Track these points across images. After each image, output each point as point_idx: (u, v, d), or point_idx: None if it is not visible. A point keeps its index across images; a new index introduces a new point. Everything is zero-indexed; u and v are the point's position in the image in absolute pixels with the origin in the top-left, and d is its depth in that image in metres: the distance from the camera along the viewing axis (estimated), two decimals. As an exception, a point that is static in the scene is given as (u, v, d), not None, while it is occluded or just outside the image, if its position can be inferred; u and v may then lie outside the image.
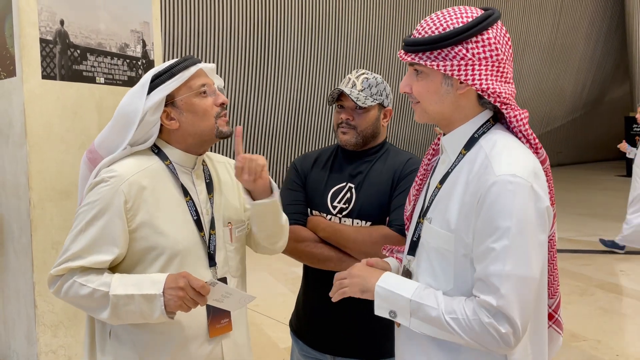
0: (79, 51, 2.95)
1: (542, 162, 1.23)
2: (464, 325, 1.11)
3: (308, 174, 1.86)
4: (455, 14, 1.17)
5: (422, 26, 1.20)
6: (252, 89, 11.82)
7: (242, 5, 11.36)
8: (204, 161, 1.59)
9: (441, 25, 1.16)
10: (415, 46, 1.18)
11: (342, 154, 1.85)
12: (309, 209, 1.83)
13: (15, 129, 2.81)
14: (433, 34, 1.16)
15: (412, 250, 1.32)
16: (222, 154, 1.77)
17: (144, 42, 3.43)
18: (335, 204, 1.78)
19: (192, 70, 1.44)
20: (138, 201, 1.40)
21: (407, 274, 1.33)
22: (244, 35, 11.50)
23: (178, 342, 1.44)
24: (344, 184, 1.79)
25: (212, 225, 1.52)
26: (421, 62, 1.18)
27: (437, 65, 1.16)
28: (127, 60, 3.30)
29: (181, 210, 1.46)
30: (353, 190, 1.77)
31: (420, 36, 1.18)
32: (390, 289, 1.21)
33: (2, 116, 2.97)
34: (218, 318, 1.50)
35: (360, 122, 1.75)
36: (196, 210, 1.49)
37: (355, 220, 1.75)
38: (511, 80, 1.23)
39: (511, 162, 1.13)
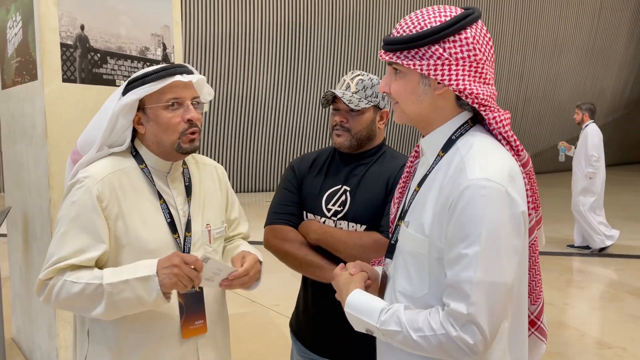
0: (99, 55, 3.04)
1: (524, 165, 1.20)
2: (432, 342, 1.09)
3: (305, 176, 1.85)
4: (435, 13, 1.15)
5: (401, 25, 1.18)
6: (281, 89, 11.90)
7: (271, 6, 11.46)
8: (185, 163, 1.61)
9: (419, 24, 1.15)
10: (393, 45, 1.17)
11: (338, 156, 1.83)
12: (304, 212, 1.82)
13: (37, 130, 2.91)
14: (411, 33, 1.15)
15: (390, 254, 1.31)
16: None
17: (164, 45, 3.51)
18: (329, 206, 1.76)
19: (167, 81, 1.42)
20: (112, 201, 1.42)
21: (385, 277, 1.33)
22: (272, 36, 11.60)
23: (151, 341, 1.45)
24: (339, 186, 1.77)
25: (188, 228, 1.53)
26: (398, 61, 1.17)
27: (414, 65, 1.15)
28: (148, 64, 3.37)
29: (155, 212, 1.48)
30: (348, 193, 1.75)
31: (399, 35, 1.17)
32: (355, 314, 1.21)
33: (26, 118, 3.09)
34: (192, 319, 1.50)
35: (354, 125, 1.72)
36: (170, 213, 1.50)
37: (350, 224, 1.72)
38: (491, 82, 1.20)
39: (485, 166, 1.10)
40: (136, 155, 1.51)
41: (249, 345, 3.77)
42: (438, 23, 1.14)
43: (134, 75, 1.46)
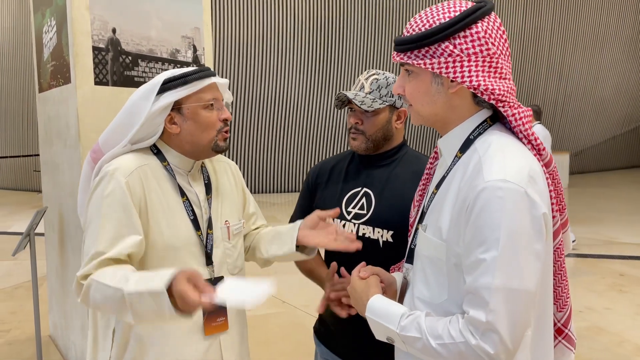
0: (130, 58, 3.09)
1: (547, 165, 1.15)
2: (451, 350, 1.05)
3: (322, 182, 1.82)
4: (443, 9, 1.11)
5: (410, 24, 1.14)
6: (314, 90, 11.91)
7: (303, 7, 11.47)
8: (203, 162, 1.62)
9: (428, 21, 1.11)
10: (403, 45, 1.13)
11: (358, 158, 1.79)
12: None
13: (71, 132, 2.98)
14: (420, 31, 1.11)
15: (410, 259, 1.28)
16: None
17: (194, 47, 3.54)
18: (349, 209, 1.71)
19: (206, 82, 1.47)
20: (139, 195, 1.43)
21: (405, 283, 1.29)
22: (305, 36, 11.62)
23: (174, 338, 1.46)
24: (359, 188, 1.72)
25: (210, 225, 1.55)
26: (409, 61, 1.13)
27: (425, 64, 1.11)
28: (178, 66, 3.41)
29: (178, 209, 1.49)
30: (372, 196, 1.70)
31: (408, 34, 1.13)
32: (377, 319, 1.18)
33: (61, 120, 3.16)
34: (214, 316, 1.52)
35: (368, 127, 1.67)
36: (193, 210, 1.51)
37: (376, 229, 1.66)
38: (508, 76, 1.15)
39: (503, 166, 1.05)
40: (157, 153, 1.53)
41: (278, 345, 3.77)
42: (447, 19, 1.09)
43: (168, 76, 1.47)
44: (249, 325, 4.21)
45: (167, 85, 1.46)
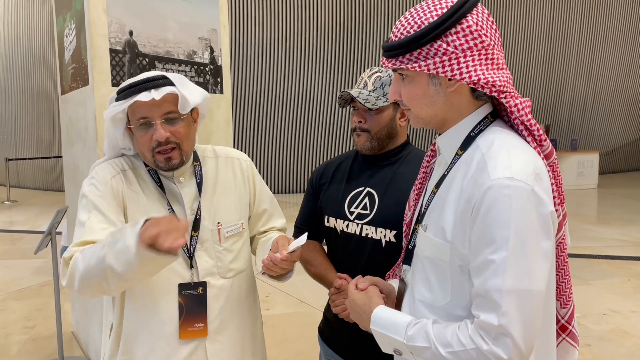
0: (147, 59, 3.13)
1: (548, 156, 1.12)
2: (462, 357, 1.01)
3: (325, 183, 1.81)
4: (429, 7, 1.08)
5: (397, 28, 1.11)
6: (336, 91, 11.89)
7: (325, 8, 11.47)
8: (197, 160, 1.59)
9: (415, 22, 1.08)
10: (392, 51, 1.10)
11: (361, 158, 1.77)
12: (325, 217, 1.78)
13: (89, 133, 3.04)
14: (409, 34, 1.08)
15: (408, 260, 1.25)
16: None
17: (211, 48, 3.57)
18: (352, 209, 1.70)
19: (129, 102, 1.38)
20: (121, 195, 1.46)
21: (403, 285, 1.27)
22: (328, 37, 11.61)
23: (153, 338, 1.46)
24: (362, 188, 1.71)
25: (196, 227, 1.51)
26: (402, 66, 1.10)
27: (419, 66, 1.08)
28: (195, 67, 3.45)
29: (159, 211, 1.48)
30: (375, 195, 1.68)
31: (396, 39, 1.10)
32: (382, 331, 1.14)
33: (80, 122, 3.23)
34: (192, 321, 1.48)
35: (372, 125, 1.65)
36: (174, 211, 1.49)
37: (379, 229, 1.65)
38: (504, 66, 1.12)
39: (508, 164, 1.03)
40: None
41: (295, 345, 3.78)
42: (435, 17, 1.06)
43: (120, 86, 1.45)
44: (267, 325, 4.24)
45: (112, 98, 1.47)
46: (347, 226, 1.70)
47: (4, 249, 7.01)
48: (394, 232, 1.63)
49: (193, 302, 1.48)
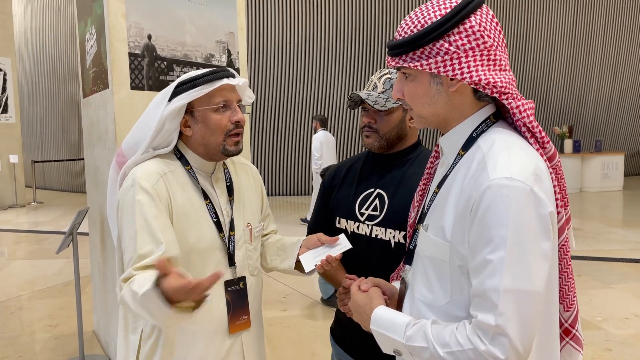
0: (165, 63, 3.18)
1: (550, 159, 1.11)
2: (460, 358, 1.01)
3: (337, 184, 1.82)
4: (433, 7, 1.09)
5: (402, 27, 1.12)
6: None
7: (342, 10, 11.47)
8: (225, 164, 1.65)
9: (419, 22, 1.08)
10: (396, 49, 1.11)
11: (372, 158, 1.77)
12: (337, 218, 1.78)
13: (109, 135, 3.10)
14: (412, 33, 1.09)
15: (409, 259, 1.25)
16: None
17: (229, 51, 3.62)
18: (363, 210, 1.70)
19: (216, 84, 1.46)
20: (166, 201, 1.46)
21: (404, 285, 1.27)
22: (348, 39, 11.61)
23: (201, 338, 1.50)
24: (372, 189, 1.71)
25: (232, 227, 1.58)
26: (405, 64, 1.11)
27: (421, 65, 1.08)
28: (212, 69, 3.49)
29: (202, 212, 1.52)
30: (385, 197, 1.68)
31: (401, 37, 1.11)
32: (381, 331, 1.15)
33: (101, 124, 3.30)
34: (238, 314, 1.56)
35: (382, 126, 1.66)
36: (215, 213, 1.54)
37: (388, 230, 1.65)
38: (507, 67, 1.12)
39: (508, 164, 1.02)
40: (180, 157, 1.55)
41: (311, 346, 3.79)
42: (439, 17, 1.07)
43: (180, 79, 1.50)
44: (283, 325, 4.26)
45: (179, 89, 1.48)
46: (358, 227, 1.71)
47: (30, 249, 7.18)
48: (402, 233, 1.63)
49: (237, 296, 1.57)
